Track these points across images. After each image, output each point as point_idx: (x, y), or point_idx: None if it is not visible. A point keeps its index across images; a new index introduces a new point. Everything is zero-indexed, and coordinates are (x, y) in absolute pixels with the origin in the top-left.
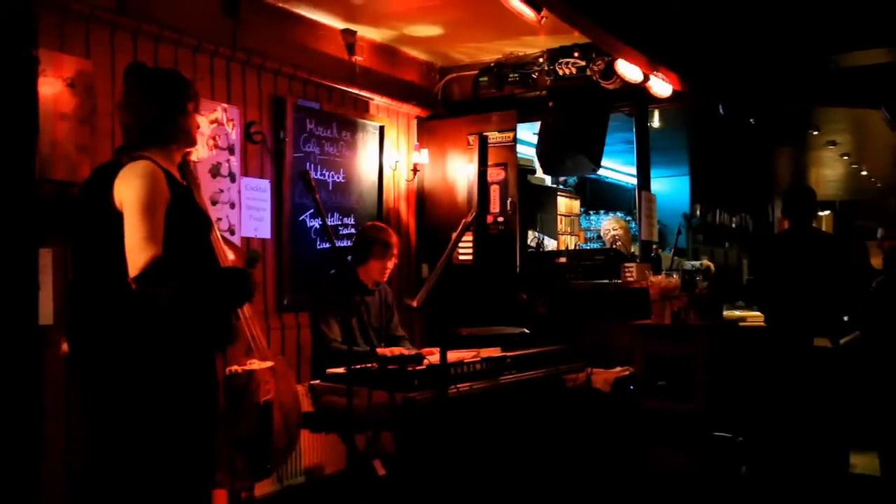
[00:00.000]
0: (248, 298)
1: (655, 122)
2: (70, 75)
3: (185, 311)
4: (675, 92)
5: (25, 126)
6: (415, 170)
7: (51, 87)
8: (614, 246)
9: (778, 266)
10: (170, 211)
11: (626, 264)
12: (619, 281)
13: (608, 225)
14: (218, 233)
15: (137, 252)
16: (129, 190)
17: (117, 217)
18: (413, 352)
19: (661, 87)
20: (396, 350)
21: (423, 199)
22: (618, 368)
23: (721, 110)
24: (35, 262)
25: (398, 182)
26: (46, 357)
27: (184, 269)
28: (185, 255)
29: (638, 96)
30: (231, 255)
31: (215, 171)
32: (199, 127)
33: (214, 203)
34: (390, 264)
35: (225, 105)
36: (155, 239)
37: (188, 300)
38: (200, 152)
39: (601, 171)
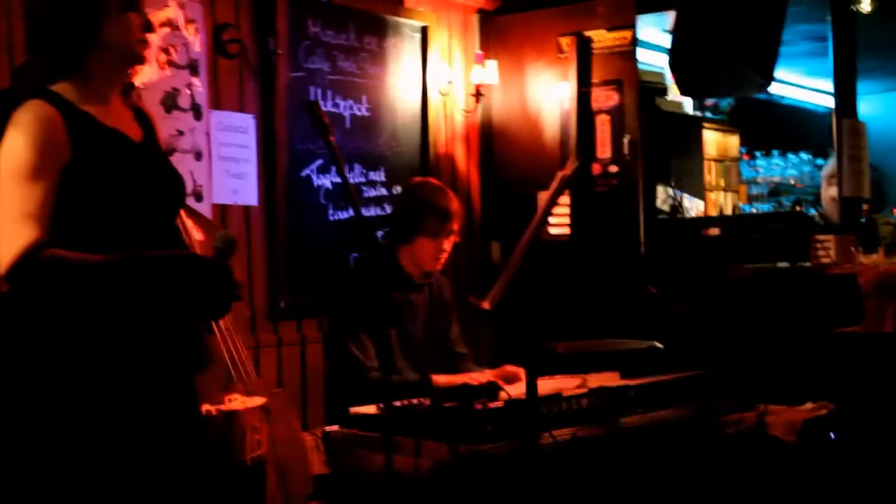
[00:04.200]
0: (224, 308)
1: (865, 6)
2: None
3: (100, 323)
4: None
5: None
6: (477, 94)
7: None
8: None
9: None
10: (78, 175)
11: (820, 237)
12: (809, 264)
13: (833, 170)
14: None
15: (6, 239)
16: (3, 148)
17: None
18: (482, 379)
19: None
20: (460, 379)
21: (490, 141)
22: (808, 405)
23: None
24: None
25: (452, 114)
26: None
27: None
28: (121, 240)
29: None
30: (198, 235)
31: (170, 103)
32: (145, 32)
33: (170, 153)
34: (448, 245)
35: None
36: (34, 217)
37: (103, 305)
38: (146, 72)
39: (774, 88)
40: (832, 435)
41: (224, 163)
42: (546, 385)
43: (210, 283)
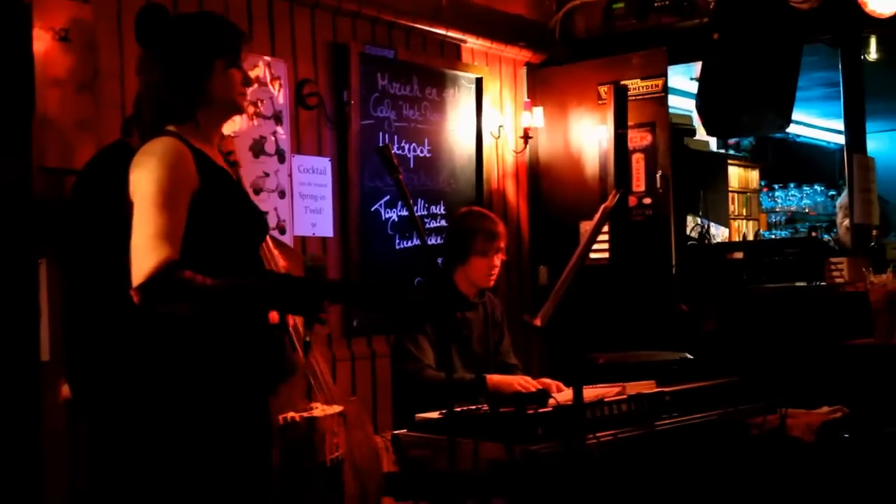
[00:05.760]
0: (314, 320)
1: (872, 55)
2: (62, 25)
3: (214, 336)
4: None
5: (18, 99)
6: (526, 137)
7: (37, 43)
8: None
9: None
10: (200, 203)
11: (834, 259)
12: (824, 283)
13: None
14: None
15: (143, 254)
16: (141, 174)
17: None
18: (532, 387)
19: (881, 1)
20: (514, 380)
21: (537, 177)
22: (825, 408)
23: None
24: (35, 278)
25: (503, 154)
26: (44, 404)
27: (215, 280)
28: (220, 263)
29: (845, 18)
30: (283, 262)
31: (258, 149)
32: (246, 86)
33: (258, 192)
34: (498, 261)
35: (268, 58)
36: (170, 238)
37: (219, 321)
38: (237, 122)
39: (791, 128)
40: (846, 435)
41: (304, 200)
42: (590, 392)
43: (306, 295)
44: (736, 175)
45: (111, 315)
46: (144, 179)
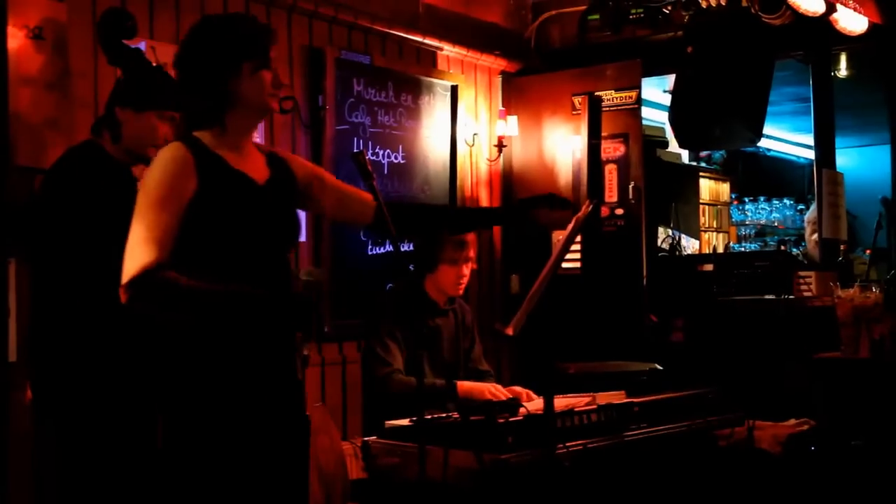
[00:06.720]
0: (310, 336)
1: (842, 71)
2: (36, 23)
3: (198, 341)
4: (872, 26)
5: None
6: (500, 145)
7: (10, 40)
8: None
9: None
10: (199, 209)
11: (802, 273)
12: (793, 296)
13: (814, 215)
14: None
15: (133, 255)
16: (143, 179)
17: None
18: (503, 395)
19: (851, 19)
20: (485, 387)
21: (510, 186)
22: (792, 421)
23: None
24: (4, 278)
25: (477, 162)
26: (10, 405)
27: (203, 284)
28: (228, 264)
29: (816, 35)
30: None
31: None
32: (276, 87)
33: None
34: (467, 270)
35: None
36: (158, 240)
37: (202, 326)
38: None
39: (762, 142)
40: (812, 447)
41: None
42: (560, 402)
43: (304, 311)
44: (707, 187)
45: (76, 315)
46: (142, 184)
